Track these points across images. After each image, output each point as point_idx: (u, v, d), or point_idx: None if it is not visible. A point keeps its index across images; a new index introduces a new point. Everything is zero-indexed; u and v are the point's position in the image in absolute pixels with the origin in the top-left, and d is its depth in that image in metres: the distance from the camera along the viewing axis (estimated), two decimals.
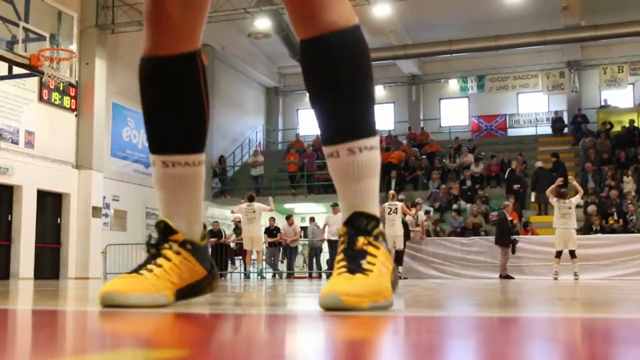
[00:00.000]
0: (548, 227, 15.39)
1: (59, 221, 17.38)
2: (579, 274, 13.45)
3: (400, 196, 18.72)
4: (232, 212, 16.94)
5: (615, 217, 16.65)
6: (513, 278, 14.27)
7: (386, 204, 14.78)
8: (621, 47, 23.36)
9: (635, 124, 22.13)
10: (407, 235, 16.14)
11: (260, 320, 1.80)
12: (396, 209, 15.02)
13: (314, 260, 19.06)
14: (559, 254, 13.62)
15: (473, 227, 17.11)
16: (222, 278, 16.56)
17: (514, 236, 15.32)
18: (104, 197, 18.29)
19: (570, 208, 13.61)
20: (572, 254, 13.56)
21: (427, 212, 17.44)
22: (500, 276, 14.73)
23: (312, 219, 19.39)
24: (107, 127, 18.75)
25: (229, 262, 18.79)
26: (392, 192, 15.91)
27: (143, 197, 20.33)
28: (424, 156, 22.37)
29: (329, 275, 17.22)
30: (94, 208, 17.64)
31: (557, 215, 13.69)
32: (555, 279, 13.10)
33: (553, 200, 13.81)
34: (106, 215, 18.61)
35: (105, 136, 18.66)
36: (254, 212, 15.27)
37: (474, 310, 2.38)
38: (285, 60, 24.01)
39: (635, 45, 23.05)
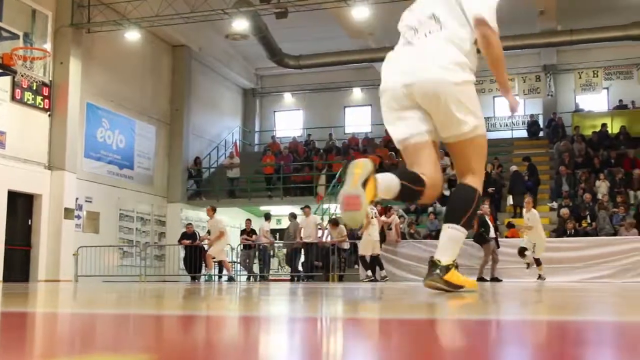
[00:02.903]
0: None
1: (29, 223, 17.10)
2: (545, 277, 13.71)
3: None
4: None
5: (589, 220, 16.82)
6: (487, 280, 14.31)
7: None
8: (596, 52, 23.62)
9: (608, 128, 22.39)
10: (382, 239, 16.18)
11: (229, 323, 1.75)
12: (375, 213, 15.15)
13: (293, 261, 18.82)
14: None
15: None
16: (196, 281, 16.45)
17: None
18: (77, 199, 18.05)
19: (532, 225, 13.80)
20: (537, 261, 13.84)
21: (400, 217, 17.49)
22: (480, 279, 14.65)
23: (293, 215, 19.04)
24: (80, 128, 18.52)
25: (203, 265, 18.65)
26: None
27: (117, 199, 20.13)
28: (399, 159, 22.40)
29: (305, 278, 17.24)
30: (66, 209, 17.39)
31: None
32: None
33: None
34: (78, 217, 18.37)
35: (79, 137, 18.43)
36: None
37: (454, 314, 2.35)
38: (263, 62, 23.95)
39: (610, 51, 23.34)
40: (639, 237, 15.55)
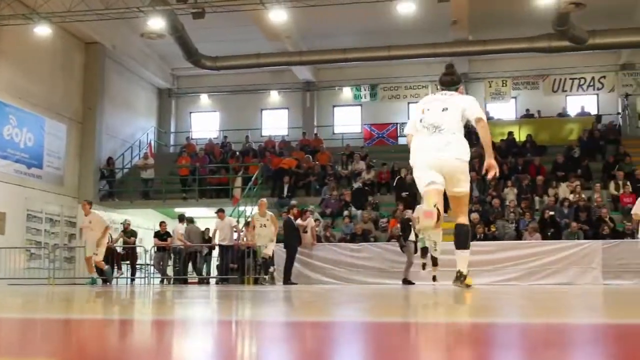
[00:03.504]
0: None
1: None
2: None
3: (293, 202, 18.81)
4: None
5: (497, 225, 17.38)
6: (414, 283, 14.33)
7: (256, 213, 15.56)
8: (505, 62, 24.49)
9: (515, 136, 23.23)
10: (298, 241, 16.25)
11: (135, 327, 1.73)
12: (269, 217, 15.41)
13: (190, 264, 18.59)
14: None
15: (363, 233, 17.40)
16: (108, 284, 16.05)
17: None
18: None
19: None
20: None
21: (316, 220, 17.61)
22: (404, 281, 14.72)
23: (190, 220, 18.78)
24: None
25: (115, 267, 18.20)
26: (263, 200, 16.15)
27: (24, 199, 19.41)
28: (316, 162, 22.57)
29: (219, 281, 17.11)
30: None
31: None
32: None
33: None
34: None
35: None
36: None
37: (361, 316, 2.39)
38: (179, 62, 23.59)
39: (518, 61, 24.24)
40: (543, 242, 16.20)
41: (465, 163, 6.19)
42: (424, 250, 13.83)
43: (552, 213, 17.29)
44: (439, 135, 6.09)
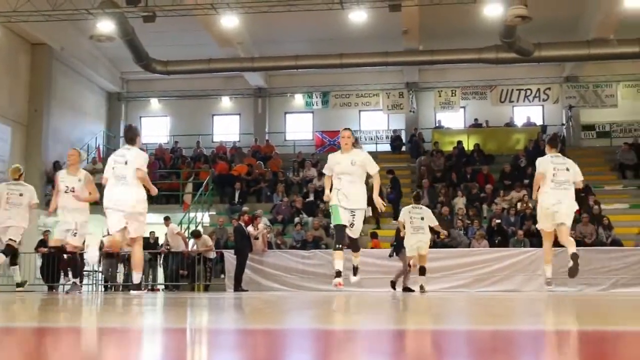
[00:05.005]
0: (386, 241, 15.99)
1: None
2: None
3: (244, 208, 18.74)
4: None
5: (446, 233, 17.60)
6: (413, 291, 13.53)
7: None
8: (455, 72, 24.89)
9: (465, 145, 23.61)
10: (249, 247, 16.19)
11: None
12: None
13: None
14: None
15: (314, 240, 17.43)
16: (53, 290, 15.70)
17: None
18: None
19: (423, 218, 12.84)
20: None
21: (267, 227, 17.58)
22: (403, 289, 14.26)
23: (167, 218, 18.01)
24: None
25: (62, 274, 17.81)
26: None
27: None
28: (267, 169, 22.54)
29: (172, 288, 16.90)
30: None
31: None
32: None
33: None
34: None
35: None
36: (21, 195, 11.64)
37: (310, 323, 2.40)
38: (130, 66, 23.26)
39: (467, 72, 24.67)
40: (490, 249, 16.48)
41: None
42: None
43: (499, 221, 17.61)
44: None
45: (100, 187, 9.46)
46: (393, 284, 14.13)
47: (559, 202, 9.40)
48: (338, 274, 8.83)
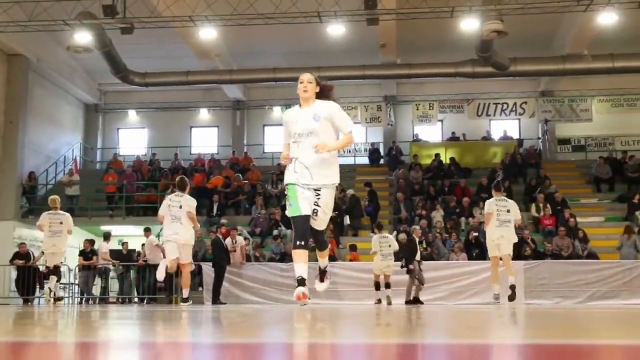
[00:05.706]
0: (365, 254, 16.02)
1: None
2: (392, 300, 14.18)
3: (223, 220, 18.64)
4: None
5: (424, 246, 17.67)
6: (423, 303, 14.27)
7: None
8: (432, 85, 25.07)
9: (442, 158, 23.75)
10: (227, 260, 16.11)
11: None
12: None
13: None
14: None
15: None
16: (29, 303, 15.50)
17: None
18: None
19: (390, 246, 14.57)
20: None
21: (246, 239, 17.51)
22: (407, 301, 14.44)
23: (147, 229, 17.80)
24: None
25: (37, 286, 17.61)
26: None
27: None
28: (245, 181, 22.48)
29: (149, 300, 16.75)
30: None
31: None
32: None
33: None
34: None
35: None
36: (61, 223, 13.00)
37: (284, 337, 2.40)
38: (107, 77, 23.13)
39: (444, 85, 24.87)
40: (468, 262, 16.56)
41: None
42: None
43: (476, 234, 17.71)
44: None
45: None
46: (416, 299, 14.61)
47: (501, 237, 11.62)
48: (300, 282, 6.45)
